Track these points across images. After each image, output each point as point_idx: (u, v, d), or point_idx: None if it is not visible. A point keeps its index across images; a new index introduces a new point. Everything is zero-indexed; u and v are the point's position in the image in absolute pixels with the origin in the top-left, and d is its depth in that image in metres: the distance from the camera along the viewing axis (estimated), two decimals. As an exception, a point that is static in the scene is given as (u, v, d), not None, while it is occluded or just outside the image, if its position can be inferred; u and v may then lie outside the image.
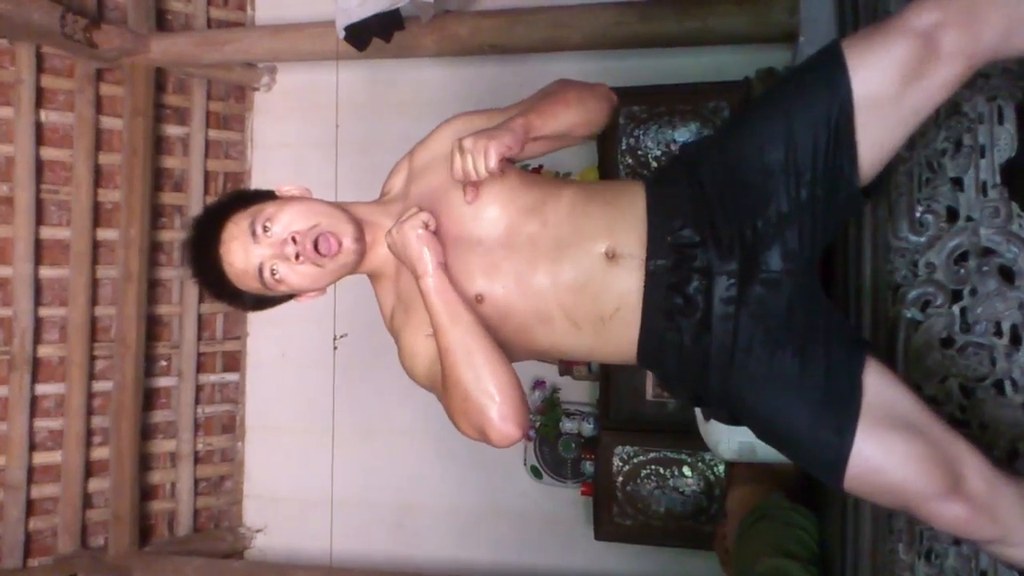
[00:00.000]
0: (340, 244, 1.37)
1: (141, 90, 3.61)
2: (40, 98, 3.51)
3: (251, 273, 1.38)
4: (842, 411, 1.27)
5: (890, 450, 1.25)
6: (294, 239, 1.35)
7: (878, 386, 1.29)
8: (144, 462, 3.70)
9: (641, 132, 3.15)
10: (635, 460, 3.07)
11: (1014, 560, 1.32)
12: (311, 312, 3.63)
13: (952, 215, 1.64)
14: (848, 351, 1.33)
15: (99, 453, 3.64)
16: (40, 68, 3.50)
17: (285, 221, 1.36)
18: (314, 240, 1.36)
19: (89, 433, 3.61)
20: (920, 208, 1.66)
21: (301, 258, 1.36)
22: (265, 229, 1.36)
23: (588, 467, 3.27)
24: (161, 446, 3.81)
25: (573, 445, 3.34)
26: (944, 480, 1.23)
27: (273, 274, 1.37)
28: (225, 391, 3.95)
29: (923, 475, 1.24)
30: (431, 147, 1.49)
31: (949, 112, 1.66)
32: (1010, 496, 1.25)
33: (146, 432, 3.72)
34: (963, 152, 1.65)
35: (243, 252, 1.37)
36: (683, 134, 3.12)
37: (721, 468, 2.96)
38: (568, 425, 3.33)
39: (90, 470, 3.62)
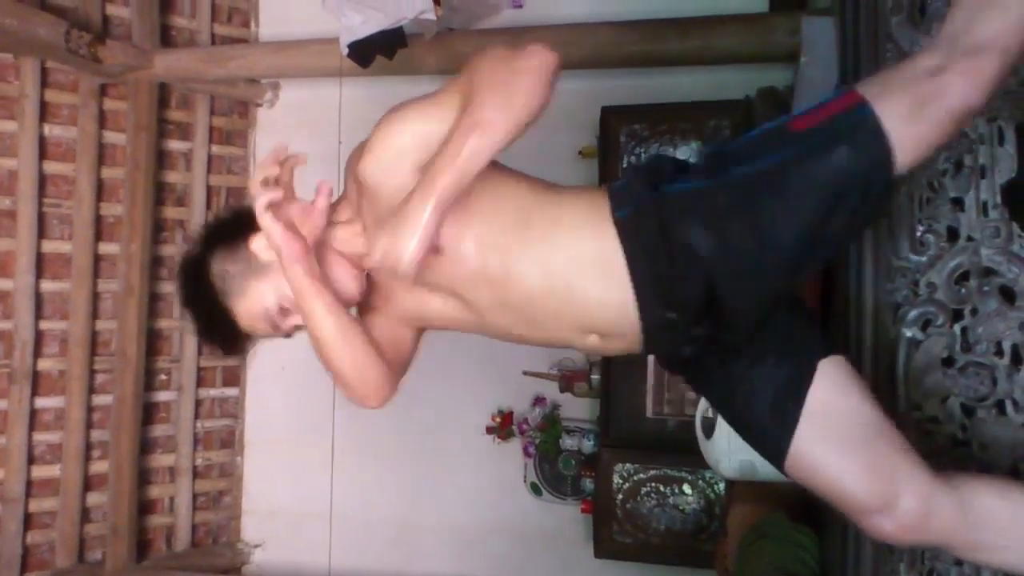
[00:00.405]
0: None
1: (144, 105, 3.63)
2: (44, 112, 3.53)
3: (276, 336, 1.46)
4: (784, 419, 1.33)
5: (824, 463, 1.32)
6: None
7: (826, 398, 1.33)
8: (143, 476, 3.69)
9: (643, 150, 3.17)
10: (635, 478, 3.06)
11: (977, 561, 1.41)
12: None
13: (953, 235, 1.65)
14: (801, 362, 1.36)
15: (98, 467, 3.63)
16: (44, 83, 3.52)
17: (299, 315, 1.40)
18: None
19: (88, 447, 3.60)
20: (921, 228, 1.67)
21: None
22: (283, 312, 1.40)
23: (588, 484, 3.27)
24: (160, 460, 3.80)
25: (573, 462, 3.33)
26: (876, 498, 1.28)
27: (297, 328, 1.44)
28: (225, 406, 3.95)
29: (856, 490, 1.29)
30: (377, 157, 1.32)
31: (950, 133, 1.67)
32: (948, 509, 1.28)
33: (145, 446, 3.71)
34: (964, 173, 1.66)
35: (268, 332, 1.43)
36: (684, 152, 3.13)
37: (722, 486, 2.95)
38: (568, 442, 3.33)
39: (88, 484, 3.61)
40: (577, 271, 1.31)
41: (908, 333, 1.65)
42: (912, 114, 1.23)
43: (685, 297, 1.31)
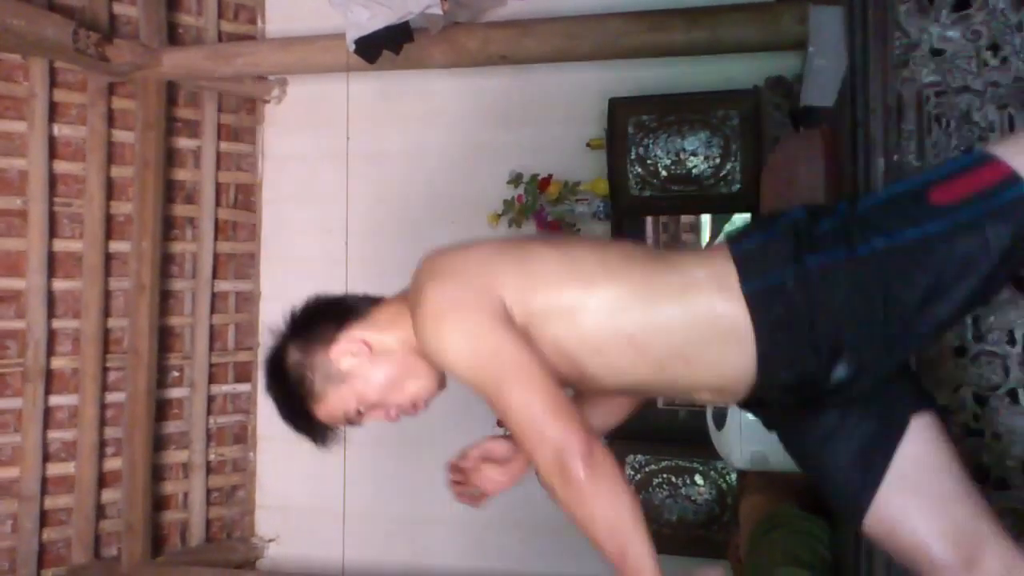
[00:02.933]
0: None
1: (153, 103, 3.64)
2: (53, 112, 3.54)
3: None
4: (869, 472, 1.28)
5: (907, 519, 1.26)
6: (397, 414, 1.40)
7: (917, 454, 1.28)
8: (157, 473, 3.72)
9: (651, 141, 3.16)
10: (647, 469, 3.07)
11: None
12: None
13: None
14: (894, 414, 1.31)
15: (112, 464, 3.66)
16: (53, 83, 3.53)
17: (381, 406, 1.38)
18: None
19: (102, 444, 3.63)
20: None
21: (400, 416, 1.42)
22: (360, 414, 1.38)
23: (599, 476, 3.27)
24: (173, 457, 3.83)
25: (584, 454, 3.33)
26: (959, 557, 1.23)
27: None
28: (237, 401, 3.97)
29: (939, 549, 1.24)
30: (425, 343, 1.27)
31: (960, 122, 1.66)
32: None
33: (159, 443, 3.74)
34: (974, 161, 1.64)
35: (343, 424, 1.42)
36: (692, 143, 3.12)
37: (733, 477, 2.96)
38: (579, 434, 3.33)
39: (103, 481, 3.64)
40: (698, 341, 1.23)
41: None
42: None
43: (811, 370, 1.23)
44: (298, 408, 1.37)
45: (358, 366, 1.34)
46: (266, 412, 3.95)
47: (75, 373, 3.60)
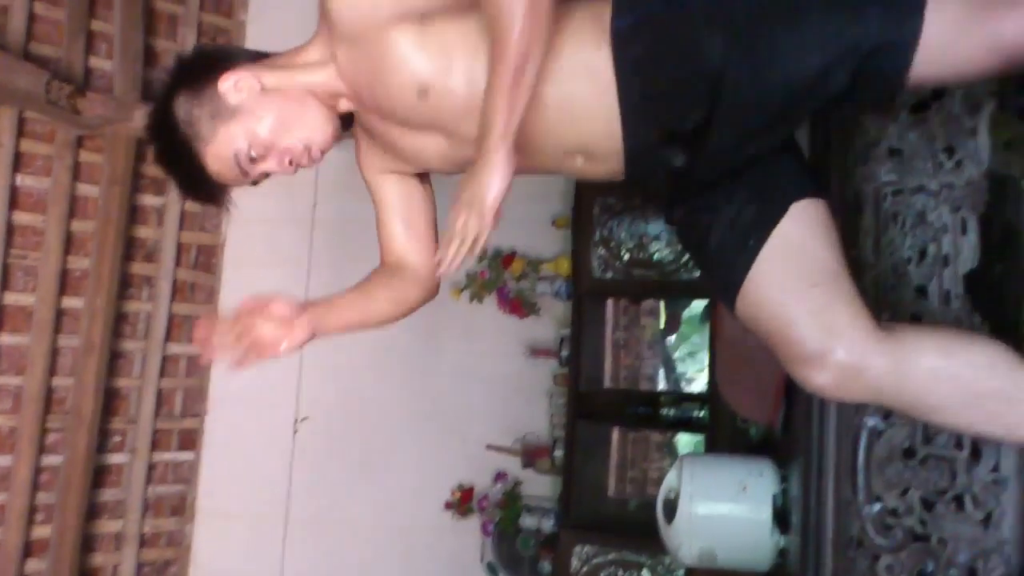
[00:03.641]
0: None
1: (120, 159, 3.60)
2: (18, 162, 3.48)
3: (243, 184, 1.42)
4: (744, 252, 1.33)
5: (771, 299, 1.30)
6: (290, 161, 1.38)
7: (789, 236, 1.32)
8: (87, 543, 3.55)
9: (615, 223, 3.17)
10: (594, 561, 2.97)
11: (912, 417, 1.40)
12: (273, 393, 3.55)
13: (917, 323, 1.63)
14: (775, 199, 1.35)
15: (41, 532, 3.47)
16: (20, 132, 3.48)
17: (274, 149, 1.36)
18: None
19: (32, 510, 3.45)
20: (885, 316, 1.65)
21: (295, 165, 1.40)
22: (253, 160, 1.36)
23: (546, 567, 3.17)
24: (106, 526, 3.66)
25: (532, 542, 3.24)
26: (812, 346, 1.26)
27: (265, 175, 1.42)
28: (178, 470, 3.82)
29: (795, 334, 1.27)
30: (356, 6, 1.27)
31: (915, 222, 1.67)
32: (883, 367, 1.24)
33: (92, 511, 3.57)
34: (927, 261, 1.65)
35: (236, 179, 1.40)
36: (656, 227, 3.12)
37: (681, 573, 2.88)
38: (528, 521, 3.24)
39: (29, 550, 3.45)
40: (566, 82, 1.26)
41: (870, 422, 1.61)
42: (962, 20, 1.16)
43: (675, 115, 1.26)
44: (187, 155, 1.35)
45: (248, 100, 1.33)
46: (208, 484, 3.81)
47: (12, 432, 3.44)
